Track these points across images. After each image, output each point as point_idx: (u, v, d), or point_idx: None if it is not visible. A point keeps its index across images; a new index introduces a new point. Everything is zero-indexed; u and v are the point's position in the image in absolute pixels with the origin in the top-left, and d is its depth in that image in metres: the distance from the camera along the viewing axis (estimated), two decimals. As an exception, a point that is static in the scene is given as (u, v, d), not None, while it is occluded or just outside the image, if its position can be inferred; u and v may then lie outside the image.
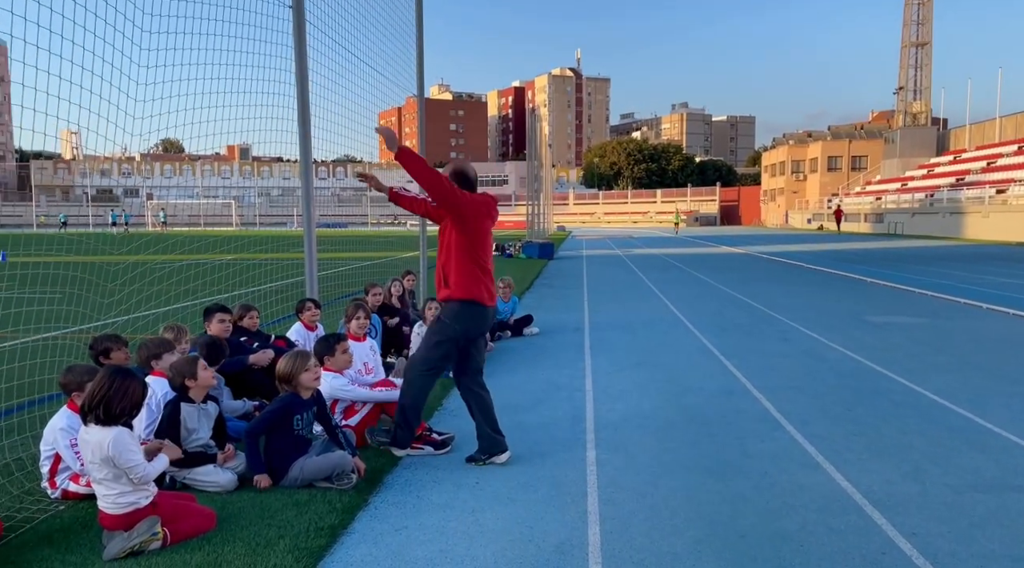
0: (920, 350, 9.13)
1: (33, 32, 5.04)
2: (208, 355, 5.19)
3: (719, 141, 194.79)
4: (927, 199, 53.52)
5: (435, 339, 5.02)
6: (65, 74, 5.36)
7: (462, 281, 4.96)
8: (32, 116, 5.18)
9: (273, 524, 4.05)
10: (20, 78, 5.06)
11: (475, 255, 4.99)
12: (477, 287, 4.98)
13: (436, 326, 5.07)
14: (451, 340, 5.01)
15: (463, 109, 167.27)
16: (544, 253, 28.49)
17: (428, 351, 5.04)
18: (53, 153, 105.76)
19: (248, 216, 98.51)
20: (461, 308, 4.98)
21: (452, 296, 5.00)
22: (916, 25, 73.90)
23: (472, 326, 5.05)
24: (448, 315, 5.01)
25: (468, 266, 4.97)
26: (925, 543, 3.80)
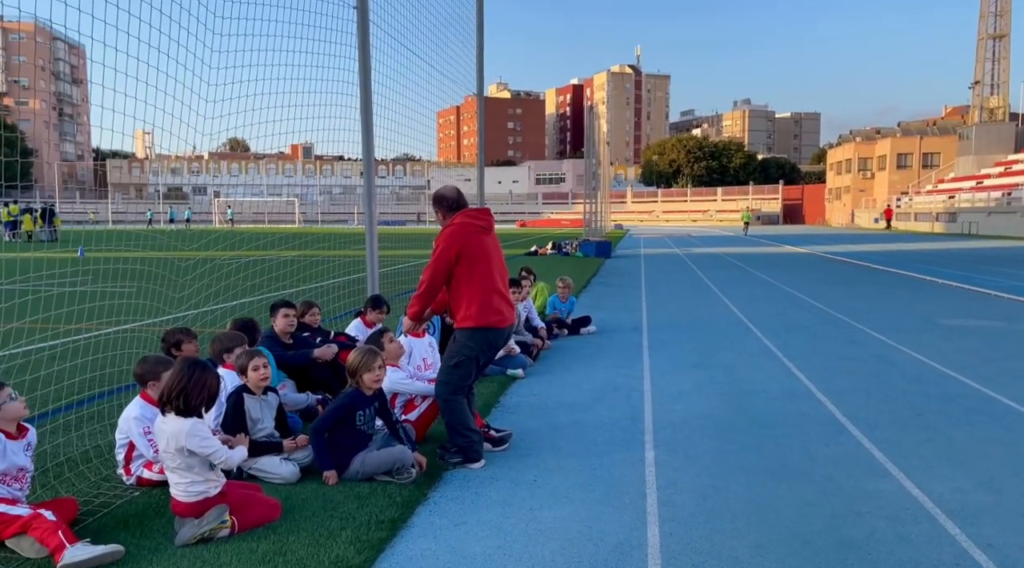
0: (996, 354, 8.76)
1: (112, 35, 5.26)
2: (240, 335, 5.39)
3: (782, 138, 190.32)
4: (1004, 198, 51.26)
5: (453, 361, 5.05)
6: (140, 75, 5.58)
7: (470, 312, 5.00)
8: (110, 116, 5.42)
9: (335, 516, 4.14)
10: (100, 79, 5.29)
11: (478, 279, 5.00)
12: (486, 313, 4.99)
13: (453, 348, 5.09)
14: (469, 360, 5.04)
15: (521, 107, 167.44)
16: (601, 252, 28.32)
17: (448, 374, 5.07)
18: (128, 152, 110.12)
19: (310, 214, 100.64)
20: (474, 334, 5.02)
21: (463, 326, 5.05)
22: (994, 17, 70.86)
23: (488, 347, 5.11)
24: (463, 337, 5.05)
25: (472, 294, 4.99)
26: (1003, 555, 3.65)
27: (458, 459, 5.04)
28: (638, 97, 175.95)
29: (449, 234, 5.02)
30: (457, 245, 4.96)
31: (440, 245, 5.01)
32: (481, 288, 5.00)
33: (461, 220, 5.09)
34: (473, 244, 5.01)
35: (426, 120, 11.02)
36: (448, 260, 4.96)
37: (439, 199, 5.24)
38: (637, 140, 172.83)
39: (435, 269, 5.00)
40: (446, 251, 4.97)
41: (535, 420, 6.17)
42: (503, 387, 7.26)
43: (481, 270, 5.01)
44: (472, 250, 5.00)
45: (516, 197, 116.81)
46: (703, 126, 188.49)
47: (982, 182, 59.46)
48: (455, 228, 5.04)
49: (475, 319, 4.98)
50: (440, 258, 4.97)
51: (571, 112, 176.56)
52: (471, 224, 5.07)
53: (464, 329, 5.04)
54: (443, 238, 5.03)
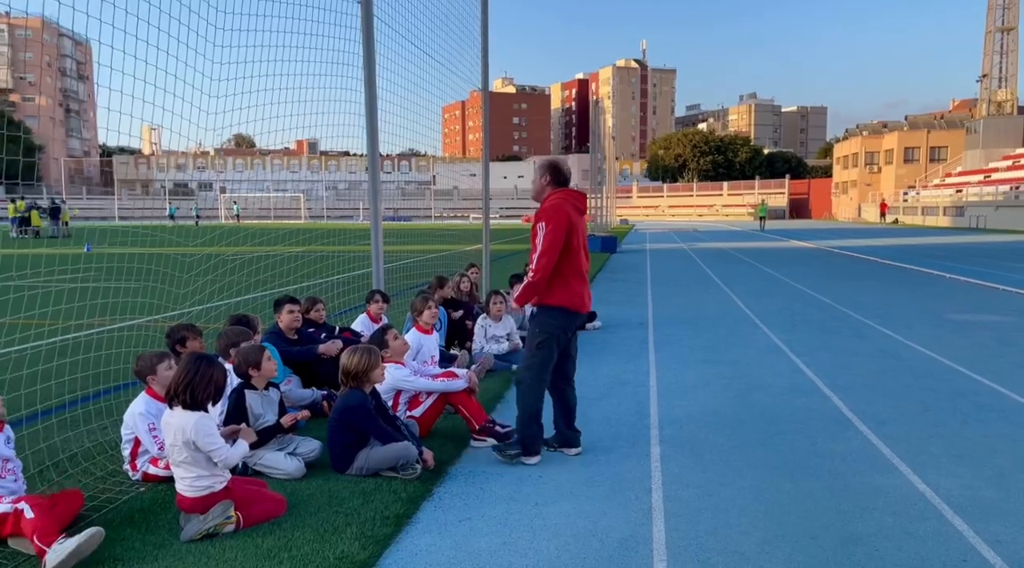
0: (1006, 350, 8.71)
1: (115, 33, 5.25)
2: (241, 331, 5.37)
3: (789, 132, 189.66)
4: (1012, 191, 50.94)
5: (536, 340, 4.97)
6: (144, 72, 5.58)
7: (555, 291, 4.91)
8: (116, 113, 5.42)
9: (340, 512, 4.13)
10: (107, 76, 5.29)
11: (570, 261, 4.91)
12: (569, 294, 4.92)
13: (535, 327, 5.03)
14: (551, 338, 4.95)
15: (526, 102, 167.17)
16: (607, 246, 28.28)
17: (532, 356, 5.00)
18: (135, 148, 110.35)
19: (316, 209, 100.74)
20: (557, 313, 4.94)
21: (543, 302, 4.97)
22: (1002, 9, 70.38)
23: (564, 330, 5.01)
24: (546, 315, 4.98)
25: (560, 274, 4.90)
26: (1011, 551, 3.62)
27: (516, 451, 4.98)
28: (644, 91, 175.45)
29: (553, 210, 4.86)
30: (565, 224, 4.84)
31: (548, 224, 4.82)
32: (570, 270, 4.93)
33: (561, 197, 4.96)
34: (575, 224, 4.92)
35: (431, 115, 11.00)
36: (561, 241, 4.81)
37: (554, 168, 5.07)
38: (643, 134, 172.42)
39: (550, 256, 4.81)
40: (556, 231, 4.81)
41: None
42: (508, 383, 7.23)
43: (573, 252, 4.92)
44: (574, 229, 4.90)
45: (522, 192, 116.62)
46: (709, 120, 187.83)
47: (990, 176, 59.08)
48: (556, 204, 4.90)
49: (558, 298, 4.91)
50: (554, 243, 4.80)
51: (576, 107, 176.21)
52: (572, 203, 4.96)
53: (547, 307, 4.96)
54: (547, 215, 4.86)
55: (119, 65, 5.34)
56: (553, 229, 4.81)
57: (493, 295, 8.11)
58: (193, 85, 6.22)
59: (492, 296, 8.09)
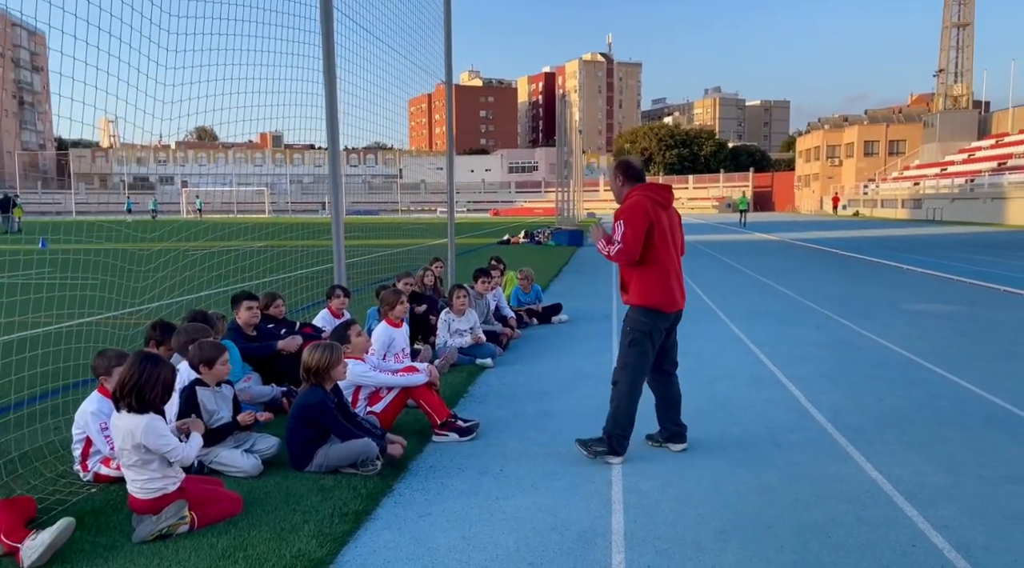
0: (958, 339, 8.92)
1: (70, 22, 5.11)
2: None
3: (753, 126, 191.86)
4: (967, 184, 52.18)
5: (628, 339, 4.90)
6: (100, 63, 5.45)
7: (644, 290, 4.84)
8: (70, 105, 5.29)
9: (298, 509, 4.09)
10: (58, 67, 5.15)
11: (659, 258, 4.82)
12: (659, 293, 4.83)
13: (625, 327, 4.94)
14: (644, 336, 4.86)
15: (493, 95, 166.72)
16: (574, 240, 28.37)
17: (626, 356, 4.91)
18: (92, 141, 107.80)
19: (280, 203, 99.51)
20: (646, 311, 4.85)
21: (632, 303, 4.92)
22: (958, 5, 71.90)
23: (658, 322, 4.88)
24: (635, 314, 4.89)
25: (649, 272, 4.83)
26: (957, 536, 3.71)
27: (603, 449, 4.90)
28: (610, 85, 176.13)
29: (630, 209, 4.79)
30: (644, 223, 4.74)
31: (626, 222, 4.76)
32: (660, 267, 4.84)
33: (641, 194, 4.88)
34: (657, 220, 4.82)
35: (396, 108, 10.92)
36: (639, 240, 4.72)
37: (625, 166, 5.05)
38: (609, 128, 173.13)
39: (628, 252, 4.74)
40: (635, 229, 4.72)
41: (504, 409, 6.16)
42: (472, 377, 7.23)
43: (657, 249, 4.82)
44: (658, 225, 4.81)
45: (489, 185, 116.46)
46: (674, 114, 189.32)
47: (946, 169, 60.46)
48: (638, 201, 4.82)
49: (647, 298, 4.83)
50: (636, 234, 4.72)
51: (543, 100, 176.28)
52: (652, 198, 4.87)
53: (635, 307, 4.88)
54: (628, 212, 4.78)
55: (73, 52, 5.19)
56: (632, 227, 4.72)
57: (456, 289, 8.08)
58: (152, 76, 6.10)
59: (455, 290, 8.07)
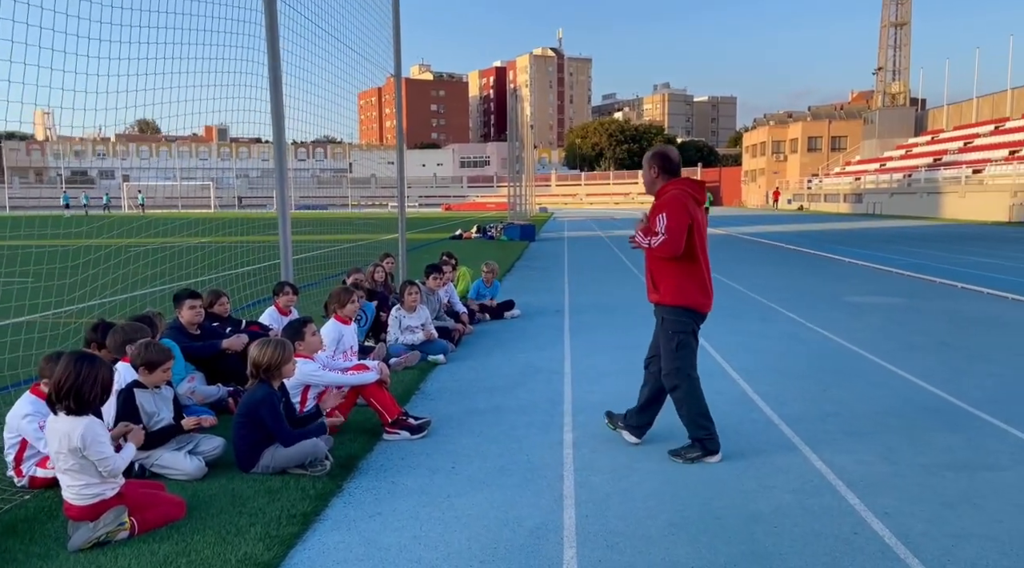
0: (897, 331, 9.19)
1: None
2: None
3: (701, 122, 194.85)
4: (905, 179, 53.93)
5: (674, 343, 4.78)
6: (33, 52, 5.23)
7: (681, 288, 4.74)
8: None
9: (244, 512, 3.99)
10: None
11: (695, 256, 4.72)
12: (696, 291, 4.76)
13: (667, 330, 4.81)
14: (688, 335, 4.78)
15: (444, 89, 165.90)
16: (526, 235, 28.43)
17: (675, 359, 4.79)
18: (26, 134, 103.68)
19: (226, 198, 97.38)
20: (684, 311, 4.78)
21: (663, 302, 4.81)
22: (895, 5, 74.10)
23: (695, 320, 4.84)
24: (673, 314, 4.79)
25: (685, 270, 4.73)
26: (897, 523, 3.82)
27: (697, 453, 4.75)
28: (560, 80, 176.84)
29: (674, 200, 4.63)
30: (688, 215, 4.60)
31: (671, 213, 4.58)
32: (697, 266, 4.73)
33: (679, 188, 4.72)
34: (695, 217, 4.68)
35: (345, 102, 10.75)
36: (684, 230, 4.57)
37: (663, 157, 4.79)
38: (560, 123, 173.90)
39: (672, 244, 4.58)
40: (682, 218, 4.57)
41: (455, 406, 6.13)
42: (423, 373, 7.18)
43: (699, 246, 4.72)
44: (696, 222, 4.67)
45: (441, 180, 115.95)
46: (624, 110, 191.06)
47: (885, 164, 62.36)
48: (676, 195, 4.66)
49: (684, 297, 4.74)
50: (681, 226, 4.57)
51: (495, 95, 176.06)
52: (690, 194, 4.71)
53: (672, 308, 4.76)
54: (671, 204, 4.61)
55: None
56: (675, 219, 4.56)
57: (408, 285, 8.00)
58: (88, 67, 5.87)
59: (407, 286, 7.99)
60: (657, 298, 4.84)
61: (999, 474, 4.46)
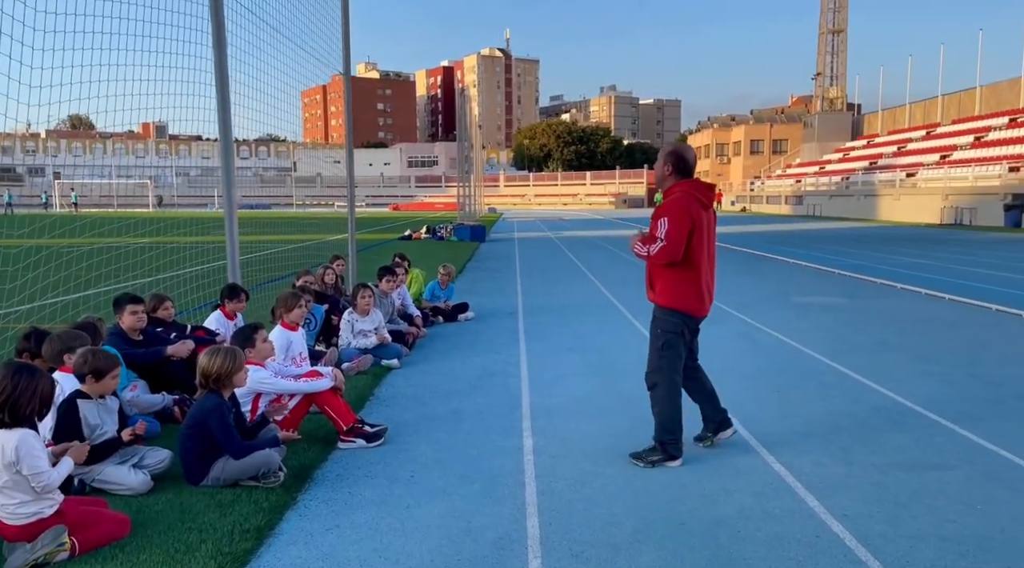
0: (843, 331, 9.41)
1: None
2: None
3: (646, 124, 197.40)
4: (843, 182, 55.58)
5: (660, 342, 4.79)
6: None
7: (676, 290, 4.74)
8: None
9: (194, 527, 3.82)
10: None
11: (693, 259, 4.69)
12: (689, 295, 4.74)
13: (655, 329, 4.83)
14: (676, 336, 4.78)
15: (391, 88, 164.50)
16: (476, 236, 28.32)
17: (659, 359, 4.80)
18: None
19: (166, 197, 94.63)
20: (674, 313, 4.77)
21: (659, 303, 4.81)
22: (832, 12, 76.36)
23: (686, 324, 4.82)
24: (664, 314, 4.79)
25: (681, 272, 4.71)
26: (857, 525, 3.86)
27: (658, 456, 4.75)
28: (508, 81, 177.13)
29: (678, 203, 4.63)
30: (688, 222, 4.59)
31: (673, 218, 4.59)
32: (694, 270, 4.71)
33: (686, 190, 4.71)
34: (699, 220, 4.67)
35: (290, 99, 10.49)
36: (683, 238, 4.58)
37: (678, 157, 4.77)
38: (508, 124, 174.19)
39: (671, 251, 4.59)
40: (683, 223, 4.57)
41: (411, 412, 6.01)
42: (377, 379, 7.03)
43: (697, 250, 4.69)
44: (698, 226, 4.66)
45: (388, 180, 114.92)
46: (572, 111, 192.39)
47: (824, 167, 64.18)
48: (682, 198, 4.65)
49: (677, 300, 4.73)
50: (681, 232, 4.57)
51: (442, 94, 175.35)
52: (697, 197, 4.70)
53: (664, 308, 4.76)
54: (673, 208, 4.61)
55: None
56: (676, 224, 4.57)
57: (361, 288, 7.83)
58: (17, 58, 5.55)
59: (360, 289, 7.82)
60: (653, 297, 4.89)
61: (948, 473, 4.56)
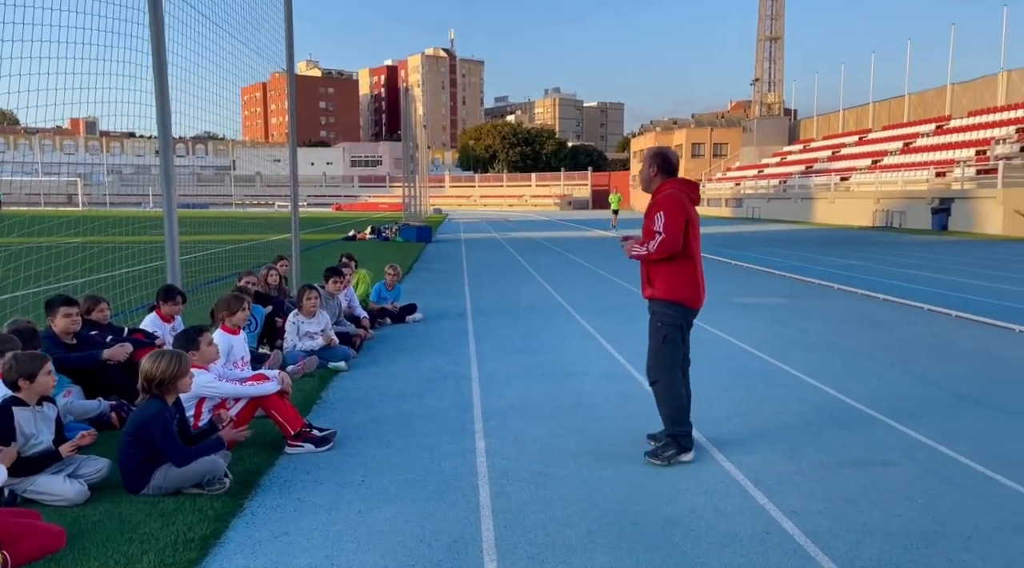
0: (784, 331, 9.63)
1: None
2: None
3: (590, 126, 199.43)
4: (781, 185, 57.10)
5: (660, 336, 4.84)
6: None
7: (674, 284, 4.81)
8: None
9: (135, 538, 3.66)
10: None
11: (689, 253, 4.81)
12: (688, 287, 4.83)
13: (655, 323, 4.87)
14: (676, 329, 4.84)
15: (333, 86, 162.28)
16: (422, 236, 28.12)
17: (659, 353, 4.86)
18: None
19: (96, 195, 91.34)
20: (672, 305, 4.83)
21: (656, 296, 4.86)
22: (770, 20, 78.40)
23: (685, 316, 4.88)
24: (663, 308, 4.84)
25: (679, 267, 4.80)
26: (805, 521, 3.93)
27: (673, 451, 4.77)
28: (453, 81, 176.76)
29: (672, 199, 4.74)
30: (684, 216, 4.71)
31: (668, 212, 4.69)
32: (690, 263, 4.83)
33: (677, 187, 4.84)
34: (691, 214, 4.79)
35: (229, 95, 10.21)
36: (682, 228, 4.69)
37: (663, 158, 4.93)
38: (453, 124, 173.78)
39: (671, 243, 4.68)
40: (679, 216, 4.68)
41: (361, 415, 5.90)
42: (324, 382, 6.89)
43: (693, 243, 4.81)
44: (692, 220, 4.78)
45: (331, 179, 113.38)
46: (517, 113, 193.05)
47: (763, 171, 65.85)
48: (674, 194, 4.79)
49: (676, 292, 4.80)
50: (679, 224, 4.68)
51: (386, 94, 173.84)
52: (686, 193, 4.83)
53: (663, 301, 4.83)
54: (667, 203, 4.72)
55: None
56: (672, 218, 4.68)
57: (307, 289, 7.67)
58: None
59: (306, 290, 7.66)
60: (651, 293, 4.93)
61: (891, 469, 4.70)
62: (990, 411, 5.97)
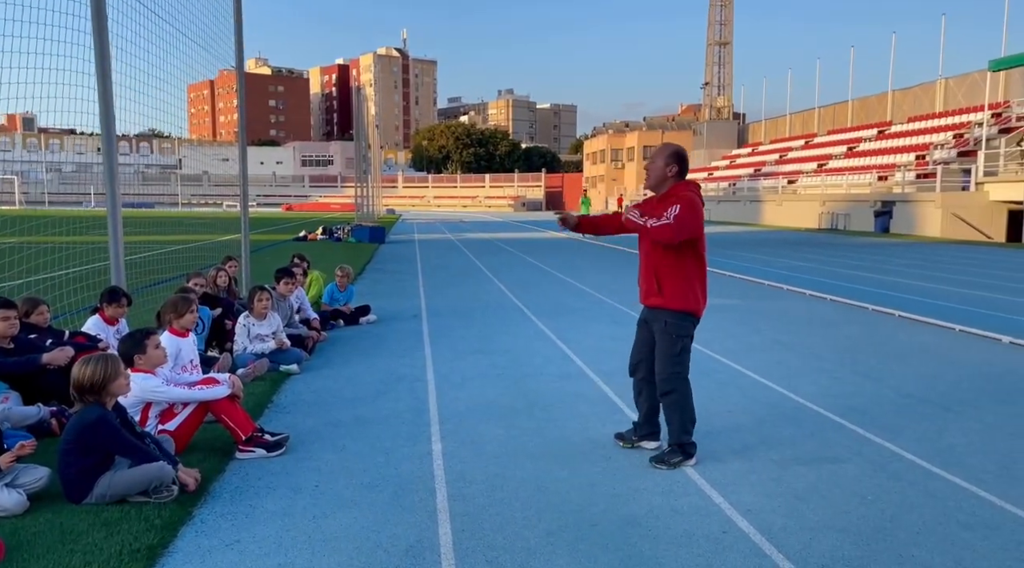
0: (738, 331, 9.79)
1: None
2: None
3: (543, 128, 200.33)
4: (730, 188, 58.17)
5: (678, 348, 4.80)
6: None
7: (681, 290, 4.75)
8: None
9: (76, 549, 3.52)
10: None
11: (702, 259, 4.81)
12: (697, 296, 4.81)
13: (670, 334, 4.80)
14: (690, 338, 4.86)
15: (283, 85, 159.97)
16: (375, 237, 27.85)
17: (677, 364, 4.83)
18: None
19: (34, 194, 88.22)
20: (686, 316, 4.81)
21: (667, 306, 4.77)
22: (719, 25, 80.00)
23: (694, 325, 4.90)
24: (677, 319, 4.80)
25: (693, 273, 4.76)
26: (760, 519, 3.99)
27: (679, 458, 4.75)
28: (406, 81, 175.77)
29: (693, 200, 4.64)
30: (701, 216, 4.63)
31: (688, 206, 4.56)
32: (702, 271, 4.80)
33: (696, 193, 4.74)
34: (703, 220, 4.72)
35: (176, 92, 9.95)
36: (698, 228, 4.63)
37: (682, 159, 4.79)
38: (406, 125, 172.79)
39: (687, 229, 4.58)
40: (698, 216, 4.61)
41: (314, 418, 5.79)
42: (276, 385, 6.75)
43: (699, 254, 4.75)
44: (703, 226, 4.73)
45: (281, 179, 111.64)
46: (470, 113, 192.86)
47: (713, 173, 66.98)
48: (695, 201, 4.66)
49: (689, 302, 4.76)
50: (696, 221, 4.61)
51: (338, 93, 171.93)
52: (701, 199, 4.76)
53: (676, 312, 4.75)
54: (688, 201, 4.60)
55: None
56: (691, 213, 4.57)
57: (258, 291, 7.51)
58: None
59: (257, 292, 7.49)
60: (660, 302, 4.81)
61: (841, 466, 4.80)
62: (934, 408, 6.15)
